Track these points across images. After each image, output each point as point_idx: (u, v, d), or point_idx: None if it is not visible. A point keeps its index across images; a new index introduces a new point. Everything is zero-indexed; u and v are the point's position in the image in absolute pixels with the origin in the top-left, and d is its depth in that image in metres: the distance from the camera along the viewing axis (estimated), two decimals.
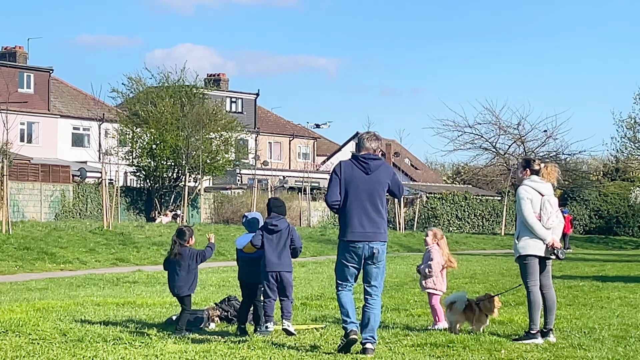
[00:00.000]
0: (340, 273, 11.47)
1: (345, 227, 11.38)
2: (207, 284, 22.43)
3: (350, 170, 11.41)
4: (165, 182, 58.33)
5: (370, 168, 11.41)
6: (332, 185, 11.42)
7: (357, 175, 11.38)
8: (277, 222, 12.63)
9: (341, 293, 11.42)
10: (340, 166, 11.48)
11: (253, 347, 11.59)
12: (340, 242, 11.46)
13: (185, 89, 59.86)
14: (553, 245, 12.37)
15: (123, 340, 12.10)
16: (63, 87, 75.10)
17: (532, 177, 12.58)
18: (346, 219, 11.36)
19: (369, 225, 11.33)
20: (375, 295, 11.40)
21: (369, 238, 11.32)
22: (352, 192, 11.33)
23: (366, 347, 11.20)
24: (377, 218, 11.41)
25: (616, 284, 23.33)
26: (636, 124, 63.64)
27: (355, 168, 11.41)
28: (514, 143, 69.20)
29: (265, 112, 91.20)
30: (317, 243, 43.98)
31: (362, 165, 11.41)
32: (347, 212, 11.36)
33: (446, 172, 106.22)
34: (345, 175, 11.38)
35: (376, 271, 11.42)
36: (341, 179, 11.38)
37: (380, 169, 11.46)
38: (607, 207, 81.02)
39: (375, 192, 11.38)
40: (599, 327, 13.88)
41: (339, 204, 11.38)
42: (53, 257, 32.53)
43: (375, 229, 11.37)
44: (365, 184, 11.36)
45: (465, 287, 20.96)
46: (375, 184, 11.39)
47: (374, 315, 11.30)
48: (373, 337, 11.30)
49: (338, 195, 11.36)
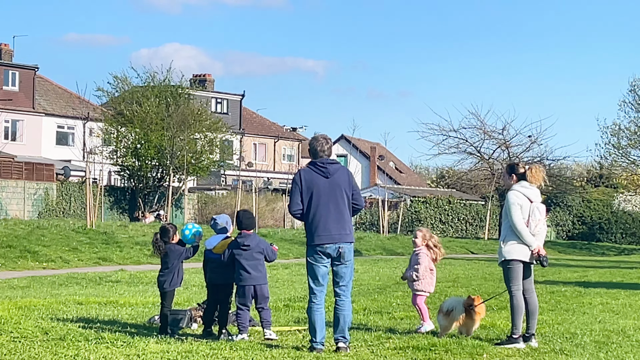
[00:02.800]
0: (312, 275, 11.60)
1: (311, 231, 11.59)
2: (190, 284, 22.40)
3: (310, 177, 11.61)
4: (150, 182, 58.26)
5: (330, 172, 11.63)
6: (293, 194, 11.65)
7: (317, 181, 11.59)
8: (248, 241, 12.67)
9: (312, 308, 11.55)
10: (299, 174, 11.69)
11: (235, 349, 11.59)
12: (309, 247, 11.65)
13: (170, 89, 59.76)
14: (538, 252, 12.40)
15: (105, 339, 12.07)
16: (48, 85, 74.90)
17: (522, 183, 12.59)
18: (312, 223, 11.57)
19: (334, 228, 11.53)
20: (344, 296, 11.62)
21: (335, 240, 11.51)
22: (315, 197, 11.54)
23: (339, 346, 11.53)
24: (341, 220, 11.58)
25: (598, 289, 23.39)
26: (620, 130, 63.78)
27: (315, 173, 11.62)
28: (499, 148, 69.30)
29: (250, 113, 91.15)
30: (300, 245, 43.94)
31: (322, 170, 11.62)
32: (312, 217, 11.57)
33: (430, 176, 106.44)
34: (306, 182, 11.59)
35: (344, 271, 11.62)
36: (302, 186, 11.58)
37: (338, 172, 11.67)
38: (591, 213, 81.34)
39: (336, 195, 11.59)
40: (580, 332, 13.91)
41: (301, 211, 11.60)
42: (36, 256, 32.45)
43: (341, 230, 11.56)
44: (326, 188, 11.57)
45: (448, 291, 21.00)
46: (335, 187, 11.59)
47: (343, 316, 11.54)
48: (344, 337, 11.54)
49: (300, 203, 11.58)
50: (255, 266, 12.66)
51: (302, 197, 11.57)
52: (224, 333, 12.79)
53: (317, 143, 11.77)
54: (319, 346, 11.49)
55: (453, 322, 12.98)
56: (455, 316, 12.94)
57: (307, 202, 11.56)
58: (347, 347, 11.54)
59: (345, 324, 11.55)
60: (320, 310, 11.55)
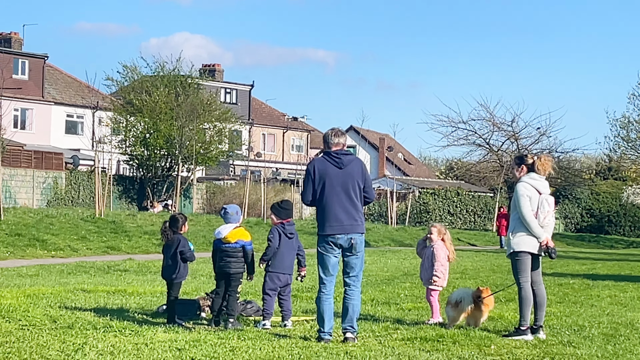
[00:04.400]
0: (322, 265, 11.66)
1: (323, 221, 11.64)
2: (197, 274, 22.43)
3: (323, 167, 11.67)
4: (158, 172, 58.28)
5: (343, 162, 11.68)
6: (306, 184, 11.73)
7: (331, 171, 11.64)
8: (293, 230, 13.18)
9: (320, 298, 11.62)
10: (313, 164, 11.78)
11: (243, 338, 11.60)
12: (320, 237, 11.70)
13: (180, 78, 59.74)
14: (547, 244, 12.38)
15: (113, 328, 12.10)
16: (58, 74, 74.93)
17: (531, 175, 12.56)
18: (323, 213, 11.63)
19: (346, 218, 11.58)
20: (354, 286, 11.67)
21: (346, 230, 11.56)
22: (327, 187, 11.61)
23: (347, 336, 11.54)
24: (353, 210, 11.63)
25: (606, 282, 23.36)
26: (630, 123, 63.60)
27: (328, 164, 11.68)
28: (508, 140, 69.25)
29: (259, 103, 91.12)
30: (308, 235, 43.88)
31: (335, 160, 11.68)
32: (324, 207, 11.63)
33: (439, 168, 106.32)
34: (319, 171, 11.66)
35: (355, 262, 11.66)
36: (315, 176, 11.65)
37: (352, 163, 11.74)
38: (599, 205, 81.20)
39: (349, 185, 11.63)
40: (588, 324, 13.89)
41: (313, 201, 11.69)
42: (44, 244, 32.52)
43: (352, 220, 11.61)
44: (339, 178, 11.62)
45: (456, 283, 20.98)
46: (348, 178, 11.64)
47: (352, 306, 11.58)
48: (352, 327, 11.58)
49: (311, 194, 11.68)
50: (292, 255, 13.14)
51: (315, 186, 11.62)
52: (232, 322, 12.82)
53: (332, 134, 11.84)
54: (326, 336, 11.52)
55: (461, 313, 12.97)
56: (463, 307, 12.93)
57: (319, 192, 11.62)
58: (354, 338, 11.57)
59: (354, 313, 11.59)
60: (329, 300, 11.58)
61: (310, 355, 10.51)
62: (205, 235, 37.31)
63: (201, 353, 10.49)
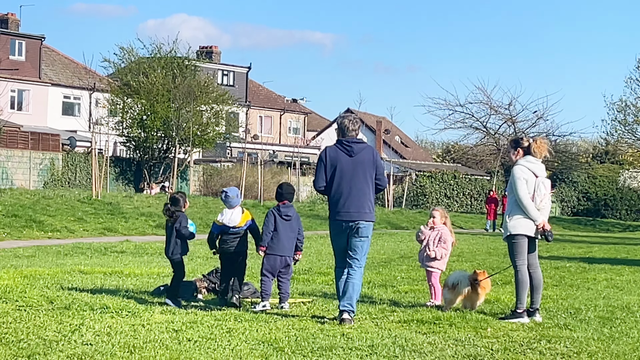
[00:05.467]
0: (334, 248, 12.07)
1: (333, 208, 11.89)
2: (194, 256, 22.45)
3: (335, 154, 11.85)
4: (155, 154, 58.27)
5: (354, 151, 11.84)
6: (318, 171, 11.92)
7: (342, 159, 11.81)
8: (290, 212, 13.11)
9: (337, 276, 11.95)
10: (325, 152, 11.94)
11: (240, 320, 11.61)
12: (330, 222, 11.98)
13: (177, 60, 59.65)
14: (543, 227, 12.39)
15: (110, 309, 12.11)
16: (54, 56, 74.80)
17: (527, 158, 12.57)
18: (333, 200, 11.86)
19: (354, 206, 11.77)
20: (357, 267, 11.83)
21: (353, 218, 11.76)
22: (337, 175, 11.78)
23: (343, 317, 11.61)
24: (362, 198, 11.80)
25: (603, 265, 23.39)
26: (627, 107, 63.74)
27: (340, 152, 11.86)
28: (505, 123, 69.29)
29: (256, 85, 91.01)
30: (305, 218, 43.99)
31: (346, 149, 11.84)
32: (334, 194, 11.84)
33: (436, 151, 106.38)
34: (330, 159, 11.83)
35: (359, 244, 11.83)
36: (327, 163, 11.82)
37: (363, 151, 11.89)
38: (596, 189, 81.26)
39: (359, 174, 11.80)
40: (584, 308, 13.92)
41: (325, 187, 11.87)
42: (41, 225, 32.53)
43: (360, 208, 11.79)
44: (349, 166, 11.79)
45: (453, 266, 20.99)
46: (358, 166, 11.81)
47: (352, 285, 11.71)
48: (351, 305, 11.66)
49: (324, 180, 11.84)
50: (290, 238, 13.06)
51: (327, 174, 11.81)
52: (236, 298, 12.91)
53: (347, 121, 11.96)
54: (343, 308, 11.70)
55: (458, 295, 12.99)
56: (460, 290, 12.94)
57: (330, 179, 11.81)
58: (351, 320, 11.61)
59: (354, 292, 11.70)
60: (343, 278, 11.84)
61: (307, 337, 10.53)
62: (202, 217, 37.32)
63: (198, 334, 10.50)
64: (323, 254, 25.46)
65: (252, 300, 13.64)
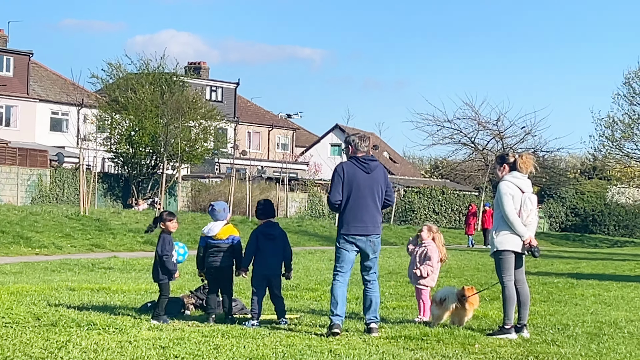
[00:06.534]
0: (340, 260, 12.29)
1: (347, 221, 12.28)
2: (182, 272, 22.37)
3: (352, 170, 12.35)
4: (143, 169, 58.21)
5: (370, 168, 12.40)
6: (335, 185, 12.35)
7: (359, 175, 12.33)
8: (273, 231, 13.10)
9: (336, 284, 12.22)
10: (342, 167, 12.39)
11: (227, 336, 11.58)
12: (340, 235, 12.33)
13: (165, 76, 59.66)
14: (530, 242, 12.40)
15: (97, 325, 12.06)
16: (42, 71, 74.72)
17: (514, 173, 12.60)
18: (349, 214, 12.27)
19: (368, 220, 12.28)
20: (374, 281, 12.41)
21: (368, 231, 12.27)
22: (355, 190, 12.27)
23: (371, 327, 12.20)
24: (376, 213, 12.37)
25: (590, 281, 23.42)
26: (614, 123, 63.81)
27: (357, 168, 12.37)
28: (493, 139, 69.49)
29: (245, 101, 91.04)
30: (293, 234, 43.97)
31: (363, 166, 12.38)
32: (350, 209, 12.27)
33: (424, 167, 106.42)
34: (348, 175, 12.31)
35: (373, 262, 12.40)
36: (344, 179, 12.29)
37: (377, 169, 12.50)
38: (584, 205, 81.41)
39: (374, 190, 12.35)
40: (572, 323, 13.93)
41: (341, 202, 12.27)
42: (28, 241, 32.42)
43: (374, 223, 12.33)
44: (367, 182, 12.32)
45: (441, 282, 20.97)
46: (374, 183, 12.37)
47: (375, 298, 12.34)
48: (376, 317, 12.30)
49: (340, 194, 12.27)
50: (276, 255, 13.02)
51: (344, 188, 12.24)
52: (229, 318, 12.90)
53: (358, 139, 12.51)
54: (337, 320, 11.99)
55: (446, 311, 12.99)
56: (447, 305, 12.95)
57: (346, 194, 12.23)
58: (377, 329, 12.19)
59: (376, 305, 12.32)
60: (343, 287, 12.23)
61: (294, 354, 10.51)
62: (190, 233, 37.26)
63: (185, 351, 10.47)
64: (311, 270, 25.43)
65: (240, 317, 13.61)
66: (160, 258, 13.02)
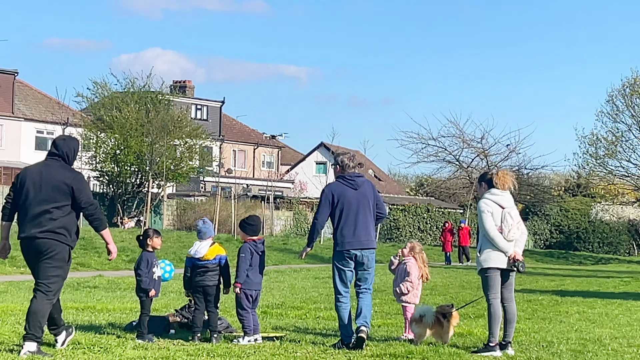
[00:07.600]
0: (338, 278, 12.71)
1: (342, 238, 12.66)
2: (167, 291, 22.38)
3: (340, 189, 12.75)
4: (129, 188, 58.12)
5: (357, 184, 12.82)
6: (323, 206, 12.75)
7: (348, 192, 12.73)
8: (263, 248, 13.29)
9: (340, 306, 12.71)
10: (330, 188, 12.82)
11: (212, 355, 11.59)
12: (337, 253, 12.71)
13: (150, 95, 59.66)
14: (514, 257, 12.45)
15: (82, 345, 12.05)
16: (27, 90, 74.61)
17: (492, 190, 12.67)
18: (342, 231, 12.66)
19: (362, 234, 12.68)
20: (367, 292, 12.81)
21: (363, 245, 12.65)
22: (346, 208, 12.68)
23: (361, 329, 12.53)
24: (368, 228, 12.77)
25: (575, 298, 23.49)
26: (598, 140, 64.15)
27: (345, 186, 12.77)
28: (477, 156, 69.48)
29: (230, 120, 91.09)
30: (279, 252, 43.97)
31: (350, 183, 12.79)
32: (343, 225, 12.67)
33: (409, 184, 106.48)
34: (336, 195, 12.71)
35: (367, 276, 12.80)
36: (333, 199, 12.69)
37: (364, 184, 12.90)
38: (568, 222, 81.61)
39: (364, 205, 12.76)
40: (557, 341, 13.98)
41: (325, 223, 12.79)
42: (13, 261, 32.28)
43: (368, 237, 12.73)
44: (355, 199, 12.72)
45: (426, 299, 21.04)
46: (362, 198, 12.78)
47: (365, 305, 12.69)
48: (367, 322, 12.63)
49: (327, 214, 12.69)
50: (261, 272, 13.25)
51: (332, 208, 12.64)
52: (215, 337, 12.91)
53: (347, 159, 12.95)
54: (349, 340, 12.49)
55: (426, 328, 13.05)
56: (427, 322, 13.01)
57: (338, 212, 12.65)
58: (366, 332, 12.54)
59: (368, 312, 12.68)
60: (347, 308, 12.66)
61: None
62: (175, 251, 37.22)
63: None
64: (296, 288, 25.43)
65: (225, 335, 13.61)
66: (135, 276, 13.10)
